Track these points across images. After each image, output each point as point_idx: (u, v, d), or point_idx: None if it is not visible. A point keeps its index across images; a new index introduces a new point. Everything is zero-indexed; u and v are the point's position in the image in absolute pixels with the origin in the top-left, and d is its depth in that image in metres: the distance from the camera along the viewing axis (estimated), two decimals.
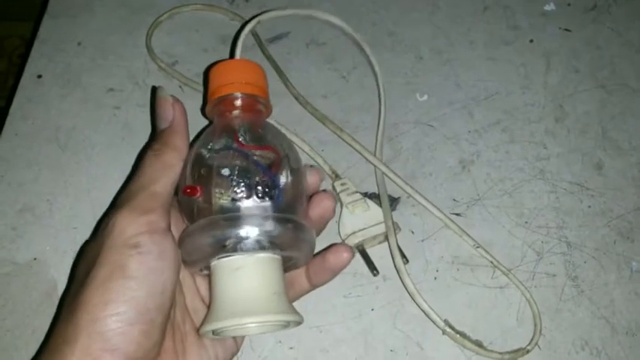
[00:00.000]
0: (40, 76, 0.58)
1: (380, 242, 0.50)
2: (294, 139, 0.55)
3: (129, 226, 0.36)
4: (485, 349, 0.46)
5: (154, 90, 0.44)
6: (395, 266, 0.49)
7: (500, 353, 0.46)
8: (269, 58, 0.60)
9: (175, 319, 0.40)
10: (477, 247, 0.50)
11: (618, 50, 0.63)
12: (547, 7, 0.66)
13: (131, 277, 0.35)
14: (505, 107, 0.59)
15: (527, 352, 0.47)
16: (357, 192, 0.51)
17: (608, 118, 0.58)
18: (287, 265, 0.40)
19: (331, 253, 0.41)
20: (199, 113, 0.55)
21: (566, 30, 0.64)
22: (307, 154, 0.54)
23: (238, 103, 0.42)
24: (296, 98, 0.58)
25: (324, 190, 0.43)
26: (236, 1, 0.64)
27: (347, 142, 0.55)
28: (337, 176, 0.53)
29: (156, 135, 0.41)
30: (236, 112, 0.42)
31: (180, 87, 0.58)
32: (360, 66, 0.61)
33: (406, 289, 0.48)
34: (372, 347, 0.47)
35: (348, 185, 0.52)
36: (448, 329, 0.47)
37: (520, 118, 0.58)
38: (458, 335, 0.47)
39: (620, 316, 0.48)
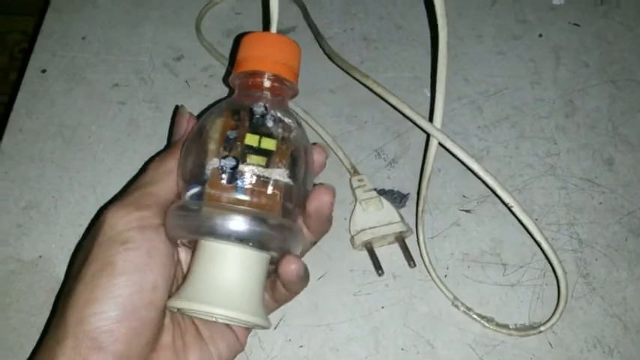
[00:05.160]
0: (44, 71, 0.58)
1: (390, 243, 0.50)
2: (318, 130, 0.54)
3: (119, 220, 0.36)
4: (494, 322, 0.47)
5: (176, 109, 0.43)
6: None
7: (508, 328, 0.46)
8: None
9: (175, 314, 0.39)
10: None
11: (628, 45, 0.62)
12: (556, 1, 0.65)
13: (118, 273, 0.34)
14: (514, 102, 0.58)
15: (540, 332, 0.46)
16: (373, 190, 0.51)
17: (618, 114, 0.58)
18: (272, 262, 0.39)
19: (281, 264, 0.37)
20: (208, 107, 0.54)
21: (575, 24, 0.63)
22: (329, 146, 0.54)
23: (264, 83, 0.39)
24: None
25: (322, 184, 0.40)
26: None
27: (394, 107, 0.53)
28: (356, 172, 0.52)
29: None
30: (257, 93, 0.39)
31: (186, 81, 0.58)
32: (367, 60, 0.60)
33: (423, 261, 0.49)
34: (383, 345, 0.46)
35: (365, 182, 0.51)
36: (457, 302, 0.47)
37: (530, 114, 0.57)
38: (467, 310, 0.47)
39: (633, 313, 0.48)
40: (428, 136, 0.48)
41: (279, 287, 0.40)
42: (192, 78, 0.58)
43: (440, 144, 0.47)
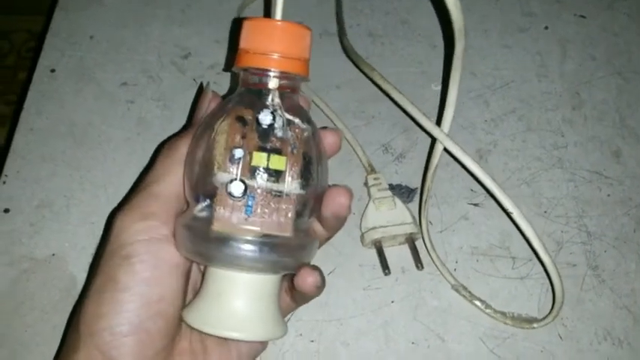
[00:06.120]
0: (53, 71, 0.58)
1: (400, 243, 0.50)
2: (337, 123, 0.54)
3: (124, 231, 0.35)
4: (492, 309, 0.47)
5: (200, 88, 0.41)
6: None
7: (505, 316, 0.47)
8: None
9: None
10: None
11: (634, 37, 0.62)
12: None
13: (122, 289, 0.34)
14: (521, 95, 0.58)
15: (534, 328, 0.46)
16: (388, 189, 0.51)
17: (625, 106, 0.58)
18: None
19: (298, 276, 0.36)
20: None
21: (581, 16, 0.63)
22: (349, 143, 0.54)
23: (271, 82, 0.35)
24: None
25: (337, 186, 0.37)
26: None
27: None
28: (372, 170, 0.52)
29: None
30: (264, 90, 0.35)
31: (194, 79, 0.58)
32: (373, 56, 0.60)
33: (424, 243, 0.49)
34: (393, 340, 0.47)
35: (380, 180, 0.51)
36: (458, 286, 0.48)
37: (536, 107, 0.57)
38: (467, 292, 0.48)
39: None
40: (434, 139, 0.47)
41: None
42: (199, 76, 0.58)
43: (445, 149, 0.46)
